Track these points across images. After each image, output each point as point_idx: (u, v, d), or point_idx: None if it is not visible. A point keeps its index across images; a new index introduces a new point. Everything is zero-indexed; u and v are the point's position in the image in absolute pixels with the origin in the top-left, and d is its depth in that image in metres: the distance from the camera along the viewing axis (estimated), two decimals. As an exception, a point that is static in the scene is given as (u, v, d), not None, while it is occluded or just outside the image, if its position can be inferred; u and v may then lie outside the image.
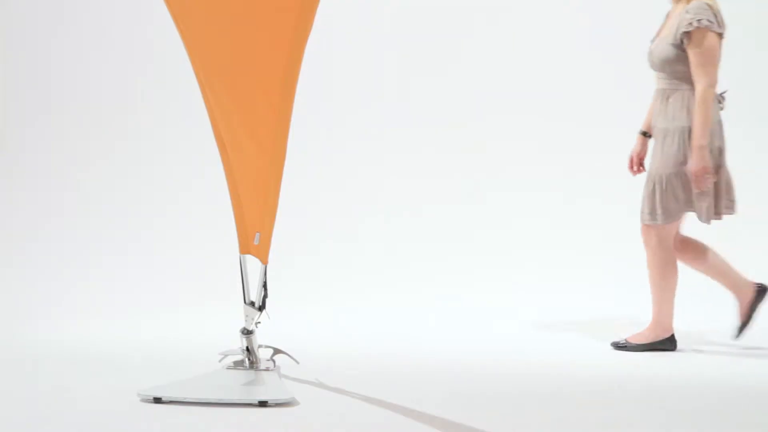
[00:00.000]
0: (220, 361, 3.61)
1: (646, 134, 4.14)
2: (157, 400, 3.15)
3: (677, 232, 4.04)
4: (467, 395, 3.30)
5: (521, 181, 5.62)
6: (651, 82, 5.56)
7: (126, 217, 5.89)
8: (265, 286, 3.55)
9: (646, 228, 4.01)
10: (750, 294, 4.04)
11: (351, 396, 3.28)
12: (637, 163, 4.14)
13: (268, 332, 3.67)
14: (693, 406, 3.15)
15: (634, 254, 5.18)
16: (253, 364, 3.50)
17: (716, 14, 3.83)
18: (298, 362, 3.70)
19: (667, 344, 3.96)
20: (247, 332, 3.52)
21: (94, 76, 6.29)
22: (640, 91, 5.56)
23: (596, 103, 5.63)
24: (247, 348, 3.51)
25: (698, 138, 3.79)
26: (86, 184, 6.13)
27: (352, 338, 4.25)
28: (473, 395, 3.29)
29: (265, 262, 3.51)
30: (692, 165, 3.80)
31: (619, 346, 3.98)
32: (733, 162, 4.14)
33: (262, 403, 3.14)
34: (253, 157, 3.43)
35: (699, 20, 3.79)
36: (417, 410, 3.08)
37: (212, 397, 3.18)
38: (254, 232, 3.50)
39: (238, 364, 3.51)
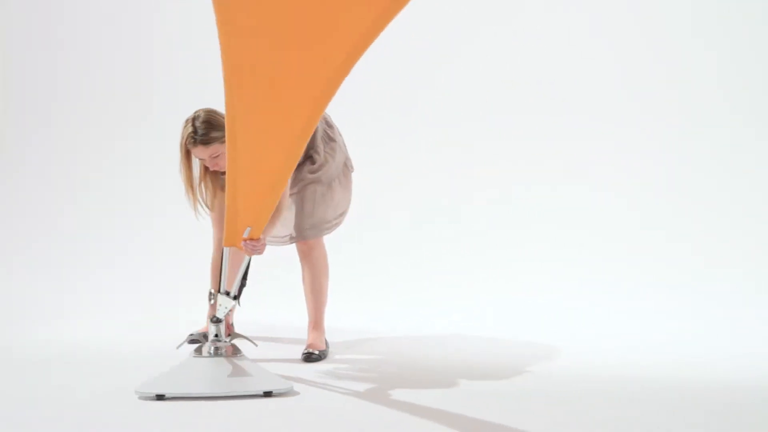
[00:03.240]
0: (177, 348, 3.68)
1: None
2: (160, 397, 3.18)
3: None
4: (467, 394, 3.30)
5: (522, 180, 5.63)
6: (652, 82, 5.60)
7: (126, 217, 5.90)
8: (245, 276, 3.62)
9: (317, 241, 3.96)
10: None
11: (351, 395, 3.28)
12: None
13: (268, 329, 3.69)
14: (693, 406, 3.15)
15: (634, 255, 5.21)
16: (218, 350, 3.55)
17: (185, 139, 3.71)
18: (256, 345, 3.75)
19: None
20: (216, 320, 3.59)
21: (95, 78, 6.30)
22: (643, 89, 5.61)
23: (597, 101, 5.65)
24: (216, 336, 3.57)
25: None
26: (86, 185, 6.14)
27: (352, 338, 4.26)
28: (473, 394, 3.30)
29: (249, 254, 3.59)
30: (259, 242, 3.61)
31: (312, 357, 3.86)
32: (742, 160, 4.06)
33: (267, 394, 3.22)
34: (265, 158, 3.42)
35: None
36: (417, 410, 3.08)
37: (216, 392, 3.23)
38: (245, 227, 3.54)
39: (198, 351, 3.56)
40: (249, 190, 3.49)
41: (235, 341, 3.65)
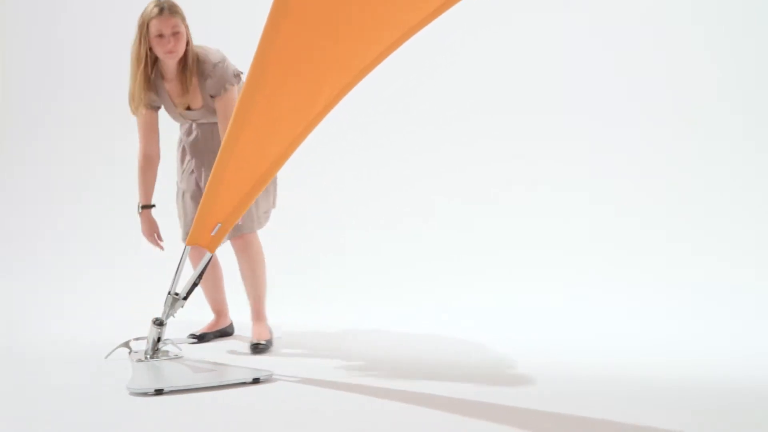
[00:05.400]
0: (106, 357, 3.73)
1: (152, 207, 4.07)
2: (159, 392, 3.22)
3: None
4: (463, 394, 3.30)
5: (524, 181, 5.63)
6: (652, 82, 5.60)
7: (126, 218, 5.89)
8: (201, 274, 3.71)
9: (253, 235, 4.02)
10: (225, 324, 4.37)
11: (348, 393, 3.28)
12: (159, 237, 4.10)
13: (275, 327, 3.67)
14: (693, 406, 3.15)
15: (634, 255, 5.21)
16: (156, 352, 3.67)
17: None
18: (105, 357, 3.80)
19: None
20: (159, 323, 3.67)
21: (94, 78, 6.30)
22: (640, 90, 5.61)
23: (597, 102, 5.65)
24: (159, 338, 3.68)
25: None
26: (86, 185, 6.14)
27: (351, 337, 4.26)
28: (470, 394, 3.29)
29: (212, 251, 3.67)
30: None
31: (259, 348, 3.92)
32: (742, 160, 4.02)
33: (255, 380, 3.35)
34: (264, 150, 3.43)
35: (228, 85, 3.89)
36: (415, 408, 3.08)
37: (211, 382, 3.32)
38: (215, 224, 3.58)
39: (145, 353, 3.68)
40: (235, 183, 3.50)
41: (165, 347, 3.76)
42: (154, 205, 4.08)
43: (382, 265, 5.40)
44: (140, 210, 4.05)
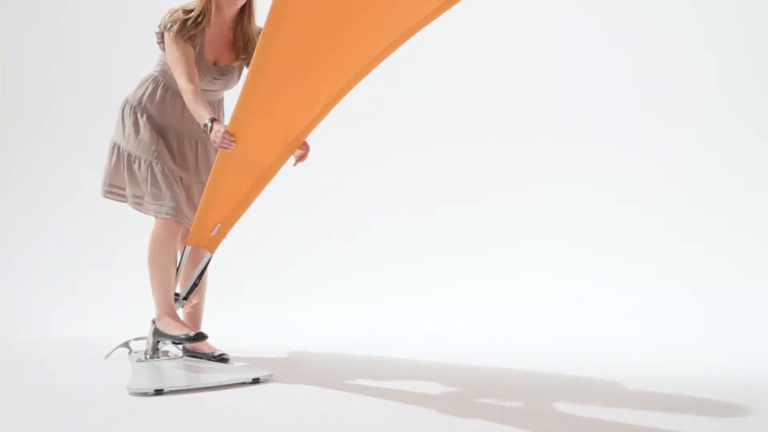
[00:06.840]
0: (106, 357, 3.77)
1: None
2: (158, 392, 3.22)
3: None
4: (462, 394, 3.30)
5: (524, 179, 5.63)
6: (655, 78, 5.60)
7: (125, 218, 5.89)
8: (201, 275, 3.68)
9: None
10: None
11: (348, 393, 3.29)
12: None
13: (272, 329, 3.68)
14: (693, 406, 3.15)
15: (637, 255, 5.21)
16: (156, 352, 3.66)
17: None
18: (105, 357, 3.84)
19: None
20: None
21: (94, 78, 6.29)
22: (643, 89, 5.61)
23: (598, 101, 5.64)
24: (158, 340, 3.67)
25: None
26: (86, 184, 6.14)
27: (352, 337, 4.26)
28: (469, 394, 3.29)
29: (212, 251, 3.64)
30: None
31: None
32: (743, 160, 4.04)
33: (255, 380, 3.37)
34: (262, 152, 3.43)
35: None
36: (415, 408, 3.08)
37: (210, 382, 3.32)
38: (215, 225, 3.58)
39: (145, 354, 3.68)
40: (235, 183, 3.50)
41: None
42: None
43: (382, 264, 5.39)
44: (212, 122, 3.50)
